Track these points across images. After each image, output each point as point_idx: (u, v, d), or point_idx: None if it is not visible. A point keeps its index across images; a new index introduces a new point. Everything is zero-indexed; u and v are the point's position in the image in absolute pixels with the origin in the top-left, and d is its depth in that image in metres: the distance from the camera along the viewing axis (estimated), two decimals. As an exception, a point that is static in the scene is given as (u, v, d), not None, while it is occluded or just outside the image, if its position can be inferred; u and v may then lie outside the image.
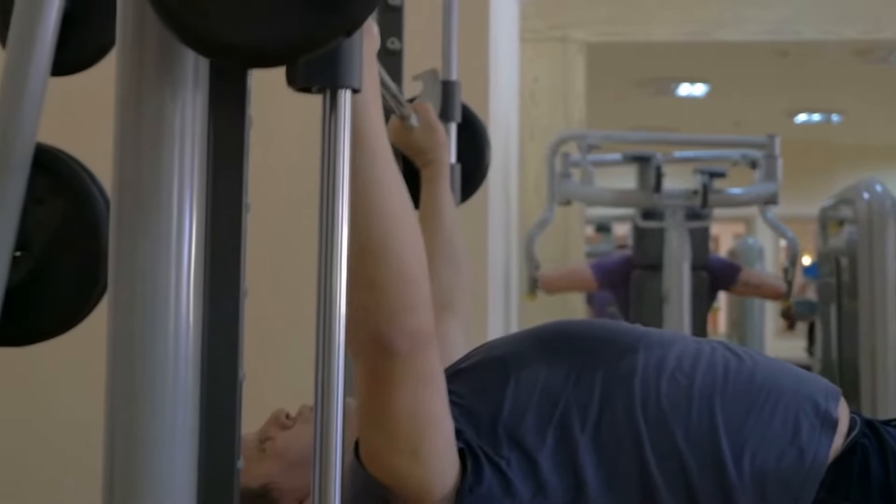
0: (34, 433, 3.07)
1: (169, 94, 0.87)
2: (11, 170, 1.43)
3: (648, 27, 6.71)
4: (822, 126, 11.00)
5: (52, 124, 1.55)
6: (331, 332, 0.91)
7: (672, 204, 5.03)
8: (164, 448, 0.84)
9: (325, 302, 0.91)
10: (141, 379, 0.84)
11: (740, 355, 1.57)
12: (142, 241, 0.86)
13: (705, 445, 1.46)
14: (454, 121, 2.32)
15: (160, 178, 0.87)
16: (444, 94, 2.28)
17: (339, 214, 0.91)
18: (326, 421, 0.89)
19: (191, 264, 0.86)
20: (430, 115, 2.09)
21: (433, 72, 2.27)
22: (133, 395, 0.84)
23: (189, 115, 0.88)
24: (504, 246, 4.42)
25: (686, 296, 5.01)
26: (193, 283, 0.86)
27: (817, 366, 5.61)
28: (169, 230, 0.86)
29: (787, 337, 11.60)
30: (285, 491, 1.56)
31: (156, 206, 0.87)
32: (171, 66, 0.87)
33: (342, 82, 0.90)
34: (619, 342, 1.56)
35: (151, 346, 0.84)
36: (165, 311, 0.85)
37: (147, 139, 0.88)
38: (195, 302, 0.86)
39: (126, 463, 0.84)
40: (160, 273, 0.85)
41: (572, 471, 1.44)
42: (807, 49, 7.48)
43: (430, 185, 2.07)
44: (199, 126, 0.89)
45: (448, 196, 2.09)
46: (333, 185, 0.91)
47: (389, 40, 2.19)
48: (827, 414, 1.50)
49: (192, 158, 0.88)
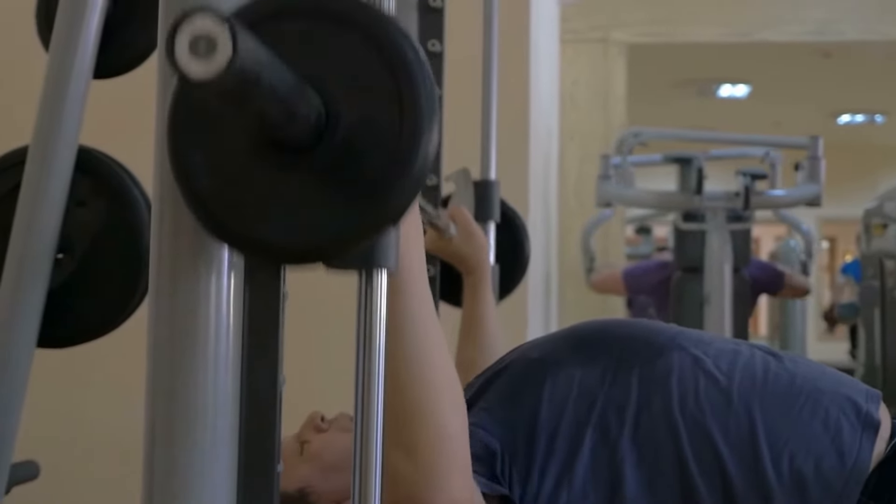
0: (73, 434, 3.10)
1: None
2: (54, 172, 1.44)
3: (689, 28, 6.68)
4: (866, 127, 10.92)
5: (94, 127, 1.56)
6: (371, 338, 0.90)
7: (713, 206, 5.00)
8: (204, 452, 0.84)
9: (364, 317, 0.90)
10: (181, 382, 0.84)
11: (779, 356, 1.56)
12: (182, 242, 0.85)
13: (744, 446, 1.44)
14: (493, 220, 2.28)
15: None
16: (482, 195, 2.24)
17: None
18: (367, 426, 0.88)
19: (231, 265, 0.86)
20: (468, 222, 2.07)
21: (465, 171, 2.24)
22: (173, 398, 0.84)
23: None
24: (544, 247, 4.41)
25: (727, 298, 4.97)
26: (234, 285, 0.86)
27: (860, 369, 5.57)
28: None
29: (829, 339, 11.52)
30: (322, 494, 1.56)
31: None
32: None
33: (377, 264, 0.87)
34: (656, 341, 1.55)
35: (192, 349, 0.84)
36: (206, 313, 0.85)
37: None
38: (235, 304, 0.86)
39: (165, 466, 0.84)
40: (201, 275, 0.85)
41: (611, 471, 1.43)
42: (850, 49, 7.43)
43: (472, 292, 2.07)
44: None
45: (490, 302, 2.08)
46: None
47: (430, 42, 2.18)
48: (868, 416, 1.48)
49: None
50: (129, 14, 1.51)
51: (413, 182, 0.80)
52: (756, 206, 5.06)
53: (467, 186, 2.23)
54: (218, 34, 0.66)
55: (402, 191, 0.80)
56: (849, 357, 8.19)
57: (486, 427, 1.43)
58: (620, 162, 5.15)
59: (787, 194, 5.16)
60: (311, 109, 0.78)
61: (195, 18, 0.67)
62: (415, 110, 0.80)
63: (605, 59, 6.43)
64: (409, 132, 0.80)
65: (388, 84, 0.80)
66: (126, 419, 1.56)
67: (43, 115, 1.45)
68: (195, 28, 0.67)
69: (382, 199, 0.80)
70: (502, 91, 2.40)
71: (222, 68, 0.66)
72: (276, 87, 0.73)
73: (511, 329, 2.43)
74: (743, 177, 4.94)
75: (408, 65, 0.80)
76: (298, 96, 0.77)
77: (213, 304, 0.84)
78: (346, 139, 0.80)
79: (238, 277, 0.86)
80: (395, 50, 0.80)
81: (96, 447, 3.06)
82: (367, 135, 0.80)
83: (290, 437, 1.61)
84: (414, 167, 0.80)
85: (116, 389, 2.41)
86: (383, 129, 0.80)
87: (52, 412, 2.85)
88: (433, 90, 0.81)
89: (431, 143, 0.81)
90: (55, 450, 2.66)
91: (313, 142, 0.80)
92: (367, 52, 0.81)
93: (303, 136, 0.79)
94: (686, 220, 5.22)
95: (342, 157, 0.80)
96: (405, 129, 0.80)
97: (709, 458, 1.44)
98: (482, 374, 1.59)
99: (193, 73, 0.66)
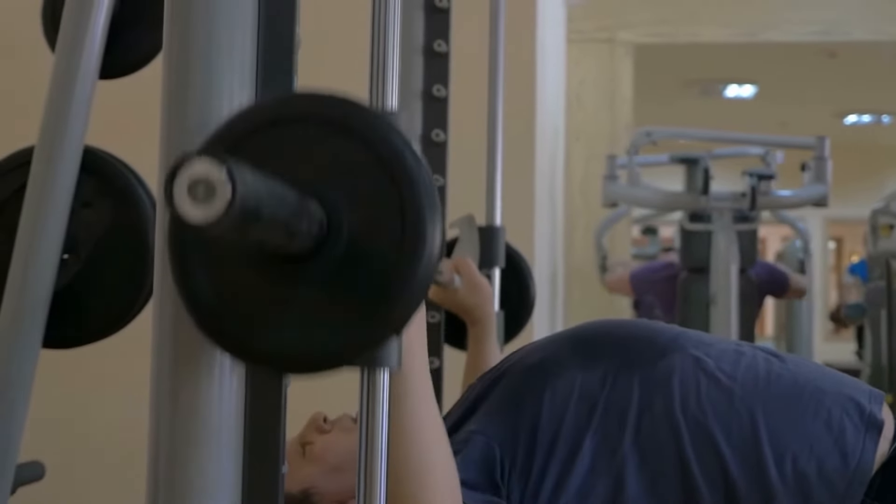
0: (78, 435, 3.10)
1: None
2: (60, 173, 1.44)
3: (696, 28, 6.67)
4: (872, 127, 10.90)
5: (100, 127, 1.56)
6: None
7: (720, 206, 5.00)
8: (208, 453, 0.84)
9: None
10: (185, 382, 0.84)
11: (781, 357, 1.55)
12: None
13: (747, 447, 1.43)
14: (498, 266, 2.26)
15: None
16: (488, 241, 2.23)
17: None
18: (371, 428, 0.88)
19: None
20: (472, 273, 2.08)
21: (470, 218, 2.23)
22: (177, 399, 0.84)
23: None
24: (549, 246, 4.41)
25: (734, 299, 4.97)
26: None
27: (866, 370, 5.56)
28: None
29: (836, 340, 11.50)
30: (325, 495, 1.56)
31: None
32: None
33: (380, 364, 0.86)
34: (657, 343, 1.54)
35: (195, 349, 0.84)
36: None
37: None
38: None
39: (170, 468, 0.84)
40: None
41: (612, 473, 1.43)
42: (856, 50, 7.41)
43: (476, 343, 2.08)
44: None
45: (494, 351, 2.08)
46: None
47: (436, 42, 2.18)
48: (872, 416, 1.47)
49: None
50: (135, 15, 1.51)
51: (417, 292, 0.79)
52: (762, 206, 5.05)
53: (472, 232, 2.21)
54: (216, 178, 0.66)
55: (405, 301, 0.79)
56: (855, 358, 8.17)
57: (487, 432, 1.43)
58: (627, 162, 5.15)
59: (794, 195, 5.16)
60: (312, 224, 0.78)
61: (193, 163, 0.66)
62: (417, 218, 0.79)
63: (611, 60, 6.43)
64: (412, 241, 0.79)
65: (389, 191, 0.79)
66: (131, 420, 1.56)
67: (49, 115, 1.45)
68: (193, 173, 0.66)
69: (385, 310, 0.79)
70: (508, 92, 2.39)
71: (221, 212, 0.66)
72: (276, 214, 0.72)
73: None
74: (749, 177, 4.94)
75: (408, 171, 0.79)
76: (300, 215, 0.76)
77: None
78: (348, 249, 0.80)
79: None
80: (395, 156, 0.79)
81: (101, 448, 3.06)
82: (368, 244, 0.79)
83: (292, 439, 1.61)
84: (417, 277, 0.79)
85: (122, 390, 2.41)
86: (385, 237, 0.79)
87: (57, 413, 2.85)
88: (434, 197, 0.80)
89: (435, 252, 0.79)
90: (60, 451, 2.66)
91: (314, 252, 0.79)
92: (367, 159, 0.80)
93: (304, 248, 0.79)
94: (692, 221, 5.22)
95: (344, 267, 0.79)
96: (407, 238, 0.79)
97: (711, 459, 1.43)
98: (484, 378, 1.59)
99: (192, 217, 0.66)
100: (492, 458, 1.42)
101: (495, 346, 2.10)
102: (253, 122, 0.81)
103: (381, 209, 0.79)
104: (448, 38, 2.19)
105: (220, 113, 0.86)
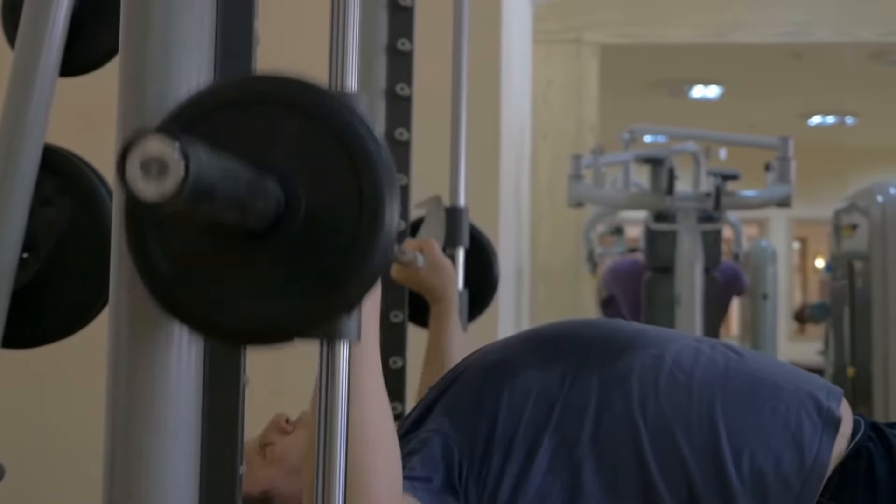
0: (39, 435, 3.08)
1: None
2: (19, 171, 1.43)
3: (662, 29, 6.70)
4: (836, 128, 10.97)
5: (61, 125, 1.55)
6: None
7: (684, 206, 5.02)
8: (165, 453, 0.83)
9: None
10: (141, 382, 0.84)
11: (741, 353, 1.56)
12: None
13: (705, 444, 1.43)
14: (462, 246, 2.28)
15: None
16: (452, 221, 2.24)
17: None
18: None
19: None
20: (436, 254, 2.08)
21: (437, 198, 2.24)
22: (133, 399, 0.84)
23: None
24: (515, 246, 4.42)
25: (698, 298, 4.99)
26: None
27: (830, 369, 5.60)
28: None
29: (800, 339, 11.57)
30: (286, 497, 1.56)
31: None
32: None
33: (339, 336, 0.86)
34: (615, 341, 1.54)
35: (152, 349, 0.84)
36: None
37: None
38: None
39: (125, 467, 0.83)
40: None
41: (570, 474, 1.43)
42: (821, 51, 7.46)
43: (438, 321, 2.08)
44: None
45: (457, 330, 2.09)
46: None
47: (400, 41, 2.18)
48: (829, 413, 1.47)
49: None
50: (95, 12, 1.50)
51: (374, 268, 0.80)
52: (727, 206, 5.08)
53: (438, 213, 2.23)
54: (169, 156, 0.66)
55: (362, 277, 0.80)
56: (819, 357, 8.22)
57: (445, 432, 1.43)
58: (592, 162, 5.17)
59: (758, 195, 5.18)
60: (269, 201, 0.78)
61: (146, 140, 0.67)
62: (374, 195, 0.80)
63: (578, 60, 6.44)
64: (369, 218, 0.79)
65: (347, 170, 0.80)
66: (92, 418, 1.55)
67: (8, 113, 1.44)
68: (146, 150, 0.67)
69: (342, 286, 0.79)
70: (473, 90, 2.39)
71: (175, 189, 0.66)
72: (231, 193, 0.73)
73: (482, 326, 2.43)
74: (714, 177, 4.96)
75: (365, 149, 0.80)
76: (256, 193, 0.77)
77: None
78: (306, 225, 0.80)
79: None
80: (351, 134, 0.80)
81: (61, 449, 3.04)
82: (326, 221, 0.80)
83: (253, 440, 1.60)
84: (374, 253, 0.79)
85: (81, 390, 2.40)
86: (343, 215, 0.80)
87: (16, 413, 2.83)
88: (392, 174, 0.81)
89: (392, 229, 0.80)
90: (20, 451, 2.64)
91: (272, 228, 0.80)
92: (324, 138, 0.80)
93: (261, 225, 0.79)
94: (657, 221, 5.24)
95: (302, 242, 0.80)
96: (365, 215, 0.79)
97: (670, 458, 1.43)
98: (444, 378, 1.59)
99: (145, 194, 0.66)
100: (450, 459, 1.42)
101: (457, 324, 2.10)
102: (210, 103, 0.82)
103: (339, 187, 0.80)
104: (412, 37, 2.19)
105: (177, 99, 0.86)
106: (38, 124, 1.44)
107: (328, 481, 0.88)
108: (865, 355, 4.99)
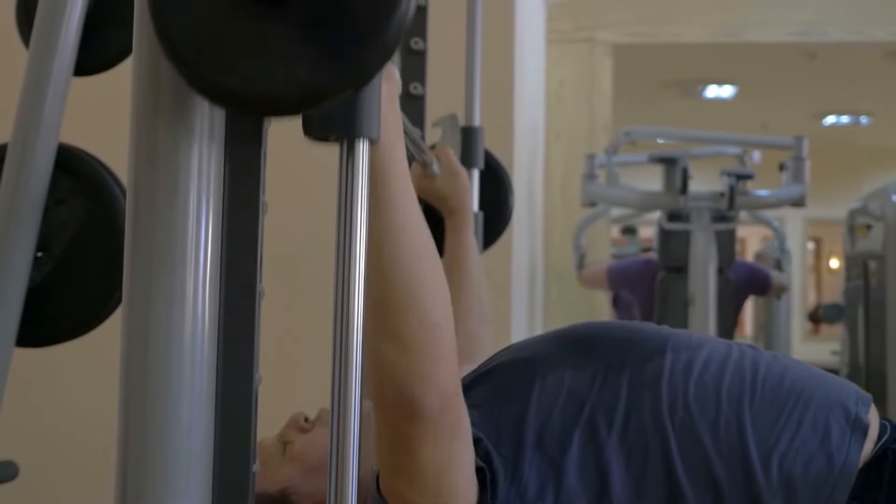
0: (52, 434, 3.08)
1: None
2: (34, 170, 1.43)
3: (676, 28, 6.68)
4: (851, 128, 10.93)
5: (75, 125, 1.55)
6: (348, 334, 0.90)
7: (698, 206, 5.00)
8: (178, 450, 0.83)
9: (342, 309, 0.90)
10: (155, 381, 0.84)
11: (769, 359, 1.56)
12: (157, 239, 0.85)
13: (733, 449, 1.44)
14: (477, 167, 2.28)
15: (177, 181, 0.87)
16: (467, 141, 2.23)
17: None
18: (343, 426, 0.88)
19: (206, 264, 0.86)
20: (451, 161, 2.06)
21: (453, 116, 2.23)
22: (146, 397, 0.84)
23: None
24: (528, 246, 4.41)
25: (712, 299, 4.98)
26: (209, 284, 0.86)
27: (844, 370, 5.58)
28: (185, 231, 0.86)
29: (814, 340, 11.54)
30: (304, 495, 1.55)
31: (170, 207, 0.86)
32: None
33: (359, 132, 0.87)
34: (647, 344, 1.55)
35: (166, 347, 0.84)
36: (181, 312, 0.84)
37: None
38: (210, 303, 0.86)
39: (139, 465, 0.83)
40: (176, 274, 0.85)
41: (598, 474, 1.43)
42: (835, 50, 7.43)
43: (454, 234, 2.05)
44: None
45: (473, 245, 2.06)
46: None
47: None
48: (858, 419, 1.48)
49: (208, 173, 0.88)
50: (109, 12, 1.51)
51: (390, 38, 0.81)
52: (741, 206, 5.06)
53: (454, 132, 2.21)
54: None
55: (378, 46, 0.81)
56: (833, 357, 8.20)
57: (474, 423, 1.43)
58: (606, 161, 5.15)
59: (772, 195, 5.17)
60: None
61: None
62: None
63: (591, 59, 6.43)
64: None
65: None
66: (106, 418, 1.55)
67: (23, 112, 1.45)
68: None
69: (358, 53, 0.81)
70: (486, 90, 2.39)
71: None
72: None
73: (495, 327, 2.42)
74: (728, 177, 4.95)
75: None
76: None
77: (191, 295, 0.84)
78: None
79: (213, 295, 0.86)
80: None
81: (77, 447, 3.04)
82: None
83: (272, 438, 1.60)
84: (391, 23, 0.81)
85: (96, 388, 2.40)
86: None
87: (31, 411, 2.84)
88: None
89: (409, 7, 0.81)
90: (35, 450, 2.65)
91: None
92: None
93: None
94: (671, 220, 5.22)
95: (320, 8, 0.81)
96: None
97: (697, 460, 1.43)
98: (472, 372, 1.59)
99: None
100: (480, 448, 1.41)
101: (473, 241, 2.07)
102: None
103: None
104: (425, 36, 2.19)
105: (191, 97, 0.86)
106: (53, 124, 1.45)
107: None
108: (880, 355, 4.97)
